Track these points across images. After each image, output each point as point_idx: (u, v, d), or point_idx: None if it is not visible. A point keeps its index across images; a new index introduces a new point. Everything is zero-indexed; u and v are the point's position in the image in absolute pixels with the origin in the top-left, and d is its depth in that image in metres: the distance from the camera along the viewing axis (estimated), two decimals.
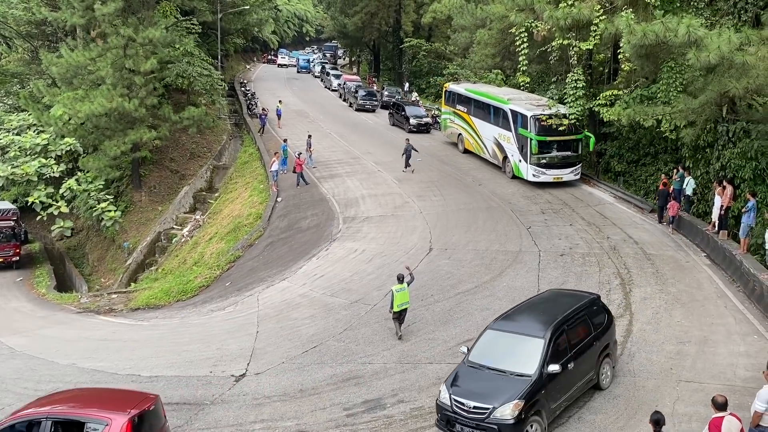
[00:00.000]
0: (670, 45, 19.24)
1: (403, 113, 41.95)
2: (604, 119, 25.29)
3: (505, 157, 29.18)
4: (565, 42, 25.42)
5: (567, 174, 27.37)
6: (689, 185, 22.10)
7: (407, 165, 31.02)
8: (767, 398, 9.39)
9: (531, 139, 26.68)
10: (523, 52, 28.14)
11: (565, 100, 26.08)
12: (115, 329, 19.51)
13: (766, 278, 16.05)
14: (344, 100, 54.11)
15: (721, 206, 19.39)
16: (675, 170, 23.26)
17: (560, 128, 26.46)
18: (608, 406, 12.06)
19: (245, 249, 25.56)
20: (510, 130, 28.39)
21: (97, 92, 31.94)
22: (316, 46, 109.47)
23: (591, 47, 25.35)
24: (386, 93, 51.95)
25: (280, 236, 25.53)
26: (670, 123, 21.54)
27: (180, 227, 34.11)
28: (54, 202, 33.85)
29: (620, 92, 24.66)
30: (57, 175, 34.43)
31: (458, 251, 20.73)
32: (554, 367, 10.87)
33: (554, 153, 27.09)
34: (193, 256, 29.09)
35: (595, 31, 24.16)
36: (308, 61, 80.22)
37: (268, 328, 16.76)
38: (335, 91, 58.64)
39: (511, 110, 28.26)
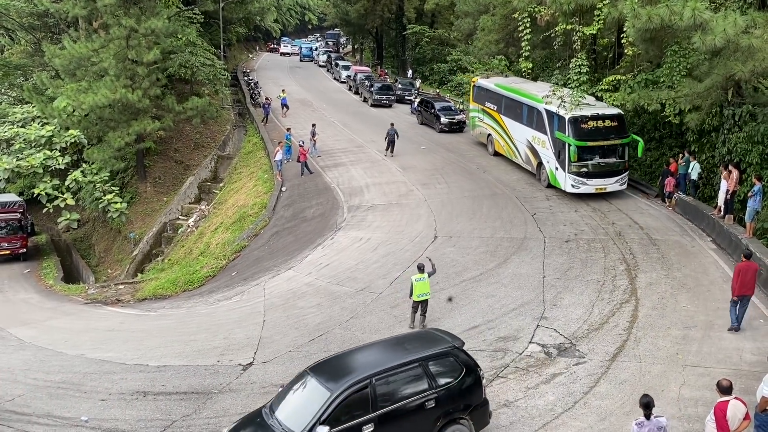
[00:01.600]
0: (674, 29, 19.09)
1: (432, 110, 37.97)
2: (608, 104, 25.14)
3: (540, 163, 25.74)
4: (569, 27, 25.24)
5: (611, 184, 23.70)
6: (694, 169, 22.01)
7: (389, 149, 31.70)
8: None
9: (569, 145, 23.16)
10: (526, 37, 27.91)
11: (569, 85, 25.87)
12: (122, 320, 19.63)
13: None
14: (356, 93, 51.44)
15: (727, 190, 19.31)
16: (680, 155, 23.18)
17: (604, 131, 23.29)
18: (615, 391, 12.11)
19: (251, 239, 25.62)
20: (545, 133, 24.95)
21: (101, 83, 31.93)
22: (318, 34, 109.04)
23: (595, 32, 25.18)
24: (399, 86, 49.20)
25: (285, 226, 25.57)
26: (674, 107, 21.44)
27: (185, 218, 34.20)
28: (60, 195, 33.99)
29: (624, 77, 24.52)
30: (62, 167, 34.54)
31: (463, 239, 20.74)
32: (322, 429, 8.99)
33: (597, 160, 23.47)
34: (198, 246, 29.18)
35: (598, 15, 23.99)
36: (311, 49, 79.71)
37: (274, 317, 16.84)
38: (344, 83, 56.49)
39: (547, 110, 24.76)
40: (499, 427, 11.18)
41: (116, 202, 33.23)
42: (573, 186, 23.61)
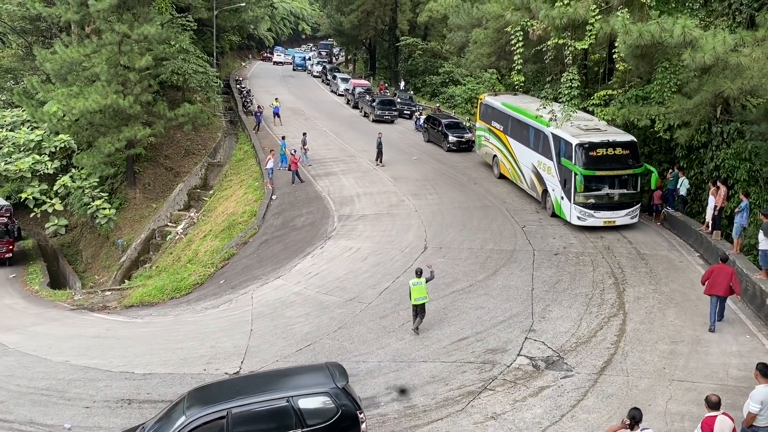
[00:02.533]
0: (665, 45, 19.27)
1: (439, 128, 36.16)
2: (599, 119, 25.30)
3: (545, 191, 24.05)
4: (561, 41, 25.39)
5: (621, 217, 21.93)
6: (683, 185, 22.19)
7: (379, 159, 31.80)
8: (760, 399, 9.45)
9: (576, 174, 21.56)
10: (518, 51, 28.04)
11: (560, 100, 26.01)
12: (108, 326, 19.45)
13: (759, 278, 16.12)
14: (354, 107, 49.59)
15: (715, 206, 19.47)
16: (669, 170, 23.35)
17: (614, 159, 21.74)
18: (602, 405, 12.11)
19: (240, 247, 25.52)
20: (551, 159, 23.31)
21: (92, 89, 31.84)
22: (312, 44, 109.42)
23: (586, 47, 25.33)
24: (399, 100, 47.43)
25: (274, 234, 25.50)
26: (664, 123, 21.61)
27: (174, 224, 34.04)
28: (48, 199, 33.73)
29: (615, 92, 24.69)
30: (51, 171, 34.30)
31: (453, 250, 20.75)
32: None
33: (606, 191, 21.81)
34: (187, 253, 29.02)
35: (590, 30, 24.16)
36: (304, 58, 79.84)
37: (262, 326, 16.74)
38: (342, 95, 54.85)
39: (553, 134, 23.23)
40: None
41: (105, 209, 33.00)
42: (579, 218, 21.92)
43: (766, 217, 16.43)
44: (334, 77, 59.80)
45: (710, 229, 19.74)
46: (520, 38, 27.14)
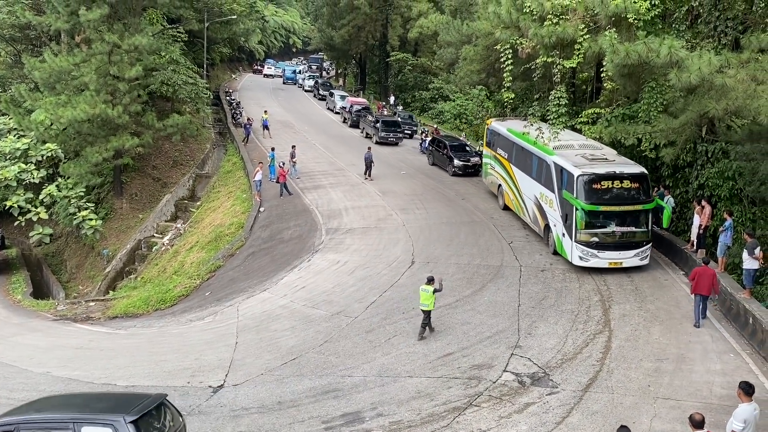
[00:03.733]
0: (652, 65, 19.53)
1: (444, 151, 34.05)
2: (586, 137, 25.51)
3: (547, 226, 21.90)
4: (549, 60, 25.64)
5: (629, 258, 19.60)
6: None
7: (367, 173, 31.98)
8: (744, 417, 9.49)
9: (577, 209, 19.33)
10: (507, 68, 28.28)
11: (548, 118, 26.19)
12: (91, 337, 19.25)
13: (743, 297, 16.25)
14: (353, 126, 47.15)
15: (700, 225, 19.65)
16: (655, 188, 23.54)
17: (621, 193, 19.65)
18: (586, 422, 12.10)
19: (226, 259, 25.39)
20: (553, 191, 21.21)
21: (80, 98, 31.70)
22: (302, 58, 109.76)
23: (574, 65, 25.60)
24: (399, 119, 44.97)
25: (261, 246, 25.40)
26: (650, 142, 21.83)
27: (161, 235, 33.82)
28: (33, 208, 33.40)
29: (602, 110, 24.93)
30: (37, 181, 34.01)
31: (440, 264, 20.76)
32: None
33: (611, 228, 19.56)
34: (173, 265, 28.83)
35: (578, 49, 24.43)
36: (294, 72, 79.91)
37: (247, 339, 16.62)
38: (338, 113, 52.38)
39: (555, 163, 21.12)
40: None
41: (91, 219, 32.72)
42: (581, 258, 19.61)
43: (750, 236, 16.62)
44: (331, 94, 57.79)
45: (695, 247, 19.90)
46: (510, 56, 27.36)
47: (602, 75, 24.18)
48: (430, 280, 15.82)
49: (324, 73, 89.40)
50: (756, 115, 16.31)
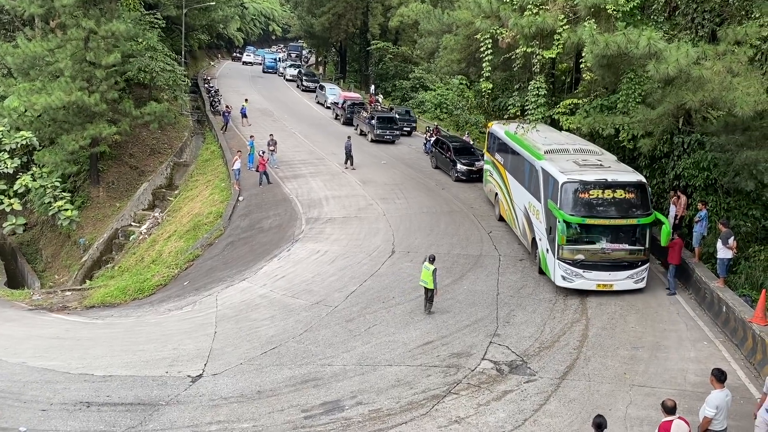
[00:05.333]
0: (630, 56, 19.65)
1: (447, 154, 31.34)
2: (564, 127, 25.67)
3: (534, 240, 19.56)
4: (529, 50, 25.68)
5: (621, 280, 17.29)
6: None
7: (348, 162, 31.74)
8: (716, 403, 9.68)
9: (559, 221, 17.10)
10: (487, 58, 28.27)
11: (526, 108, 26.23)
12: (68, 327, 19.02)
13: (717, 286, 16.53)
14: (346, 123, 43.84)
15: (675, 215, 19.93)
16: None
17: (612, 204, 17.35)
18: (564, 409, 12.26)
19: (205, 248, 25.21)
20: (540, 200, 18.96)
21: (55, 84, 31.11)
22: (282, 45, 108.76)
23: (554, 56, 25.69)
24: (396, 115, 42.04)
25: (240, 236, 25.26)
26: (628, 133, 22.03)
27: (138, 224, 33.47)
28: (6, 199, 32.80)
29: (581, 101, 25.08)
30: (11, 171, 33.38)
31: (420, 254, 20.80)
32: None
33: (601, 245, 17.25)
34: (151, 254, 28.56)
35: (558, 40, 24.50)
36: (275, 60, 78.37)
37: (226, 328, 16.56)
38: (329, 108, 49.48)
39: (543, 169, 18.99)
40: None
41: (67, 209, 32.21)
42: (564, 278, 17.31)
43: (724, 226, 16.89)
44: (321, 87, 54.18)
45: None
46: (489, 46, 27.36)
47: (581, 66, 24.27)
48: (432, 259, 16.28)
49: (303, 61, 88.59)
50: (731, 106, 16.53)
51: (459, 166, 30.24)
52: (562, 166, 18.36)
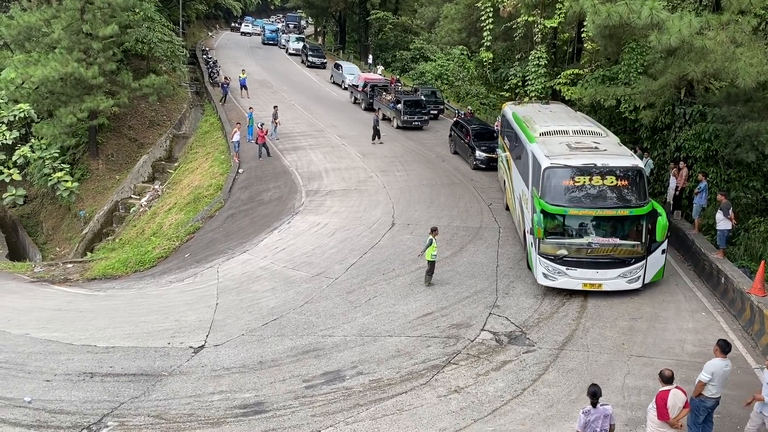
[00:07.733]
0: (633, 26, 19.43)
1: (466, 139, 28.47)
2: (566, 98, 25.50)
3: (525, 232, 17.72)
4: (530, 19, 25.47)
5: (611, 279, 15.39)
6: (648, 166, 22.53)
7: (375, 137, 31.38)
8: (712, 370, 9.78)
9: (536, 212, 15.41)
10: (488, 27, 27.97)
11: (527, 78, 26.03)
12: (70, 299, 19.14)
13: (716, 257, 16.59)
14: (368, 108, 39.51)
15: (676, 187, 19.91)
16: (634, 150, 23.71)
17: (602, 192, 15.38)
18: (562, 379, 12.40)
19: (205, 220, 25.24)
20: (528, 187, 17.17)
21: (51, 56, 30.83)
22: (280, 15, 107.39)
23: (555, 25, 25.49)
24: (422, 97, 37.40)
25: (241, 208, 25.27)
26: (629, 104, 21.91)
27: (138, 197, 33.47)
28: (6, 169, 32.75)
29: (582, 72, 24.90)
30: (9, 142, 33.26)
31: (420, 226, 20.85)
32: None
33: (588, 239, 15.36)
34: (151, 226, 28.61)
35: (560, 9, 24.28)
36: (275, 31, 75.92)
37: (227, 300, 16.66)
38: (346, 89, 45.46)
39: (532, 153, 17.15)
40: (450, 413, 11.34)
41: (66, 181, 32.17)
42: (545, 275, 15.53)
43: (724, 197, 16.89)
44: (338, 66, 49.82)
45: (671, 209, 20.17)
46: (490, 15, 27.06)
47: (583, 36, 24.09)
48: (433, 230, 16.70)
49: (302, 31, 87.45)
50: (734, 77, 16.40)
51: (478, 153, 27.30)
52: (550, 150, 16.44)
